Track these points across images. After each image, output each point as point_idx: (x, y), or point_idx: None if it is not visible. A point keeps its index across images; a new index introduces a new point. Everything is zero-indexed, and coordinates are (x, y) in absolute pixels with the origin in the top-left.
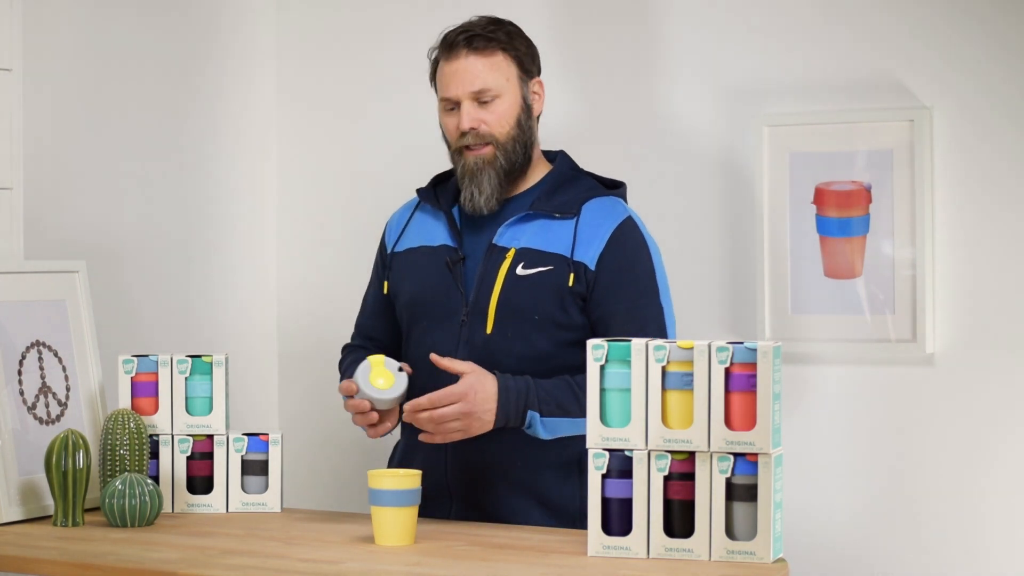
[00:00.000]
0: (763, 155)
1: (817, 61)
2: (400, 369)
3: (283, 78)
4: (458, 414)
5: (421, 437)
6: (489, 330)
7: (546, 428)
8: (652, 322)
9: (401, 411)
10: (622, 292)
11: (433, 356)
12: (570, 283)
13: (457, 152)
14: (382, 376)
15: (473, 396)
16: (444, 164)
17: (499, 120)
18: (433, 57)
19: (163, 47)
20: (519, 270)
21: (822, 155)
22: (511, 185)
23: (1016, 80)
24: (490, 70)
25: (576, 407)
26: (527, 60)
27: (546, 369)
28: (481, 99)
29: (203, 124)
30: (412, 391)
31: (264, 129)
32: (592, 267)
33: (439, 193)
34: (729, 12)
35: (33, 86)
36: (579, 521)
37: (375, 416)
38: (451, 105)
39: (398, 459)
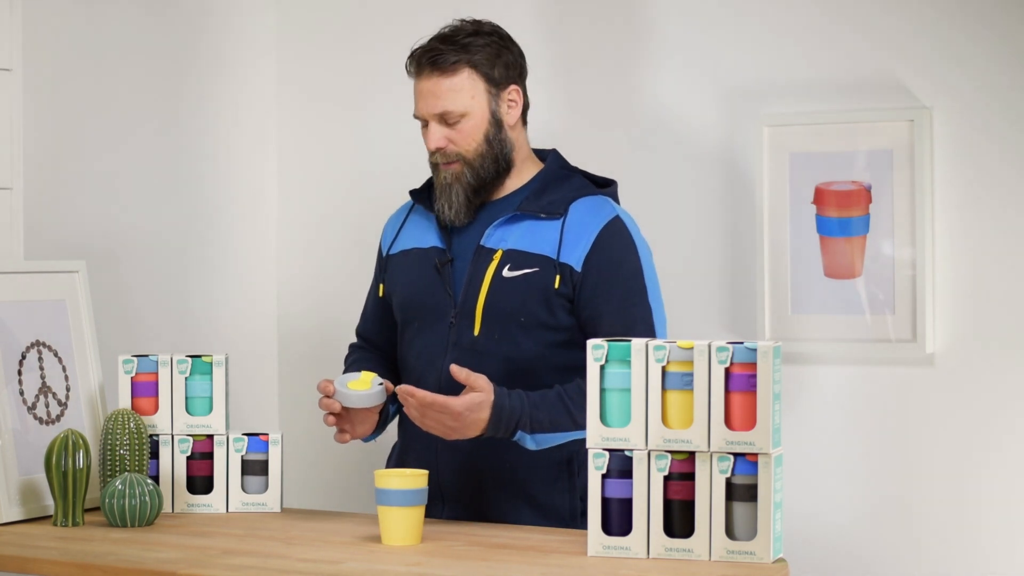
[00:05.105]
0: (763, 155)
1: (817, 61)
2: (380, 384)
3: (283, 75)
4: (442, 427)
5: (406, 409)
6: (476, 332)
7: (535, 442)
8: (641, 322)
9: (377, 427)
10: (609, 293)
11: (453, 368)
12: (556, 285)
13: (432, 166)
14: (361, 382)
15: (465, 417)
16: None
17: (466, 138)
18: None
19: (163, 46)
20: (505, 272)
21: (822, 155)
22: (486, 195)
23: (1016, 80)
24: (453, 92)
25: (569, 422)
26: (498, 71)
27: (533, 370)
28: (446, 120)
29: (203, 124)
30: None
31: (264, 129)
32: (578, 268)
33: (431, 195)
34: (730, 12)
35: (33, 86)
36: (570, 522)
37: (332, 419)
38: (423, 122)
39: (394, 460)
